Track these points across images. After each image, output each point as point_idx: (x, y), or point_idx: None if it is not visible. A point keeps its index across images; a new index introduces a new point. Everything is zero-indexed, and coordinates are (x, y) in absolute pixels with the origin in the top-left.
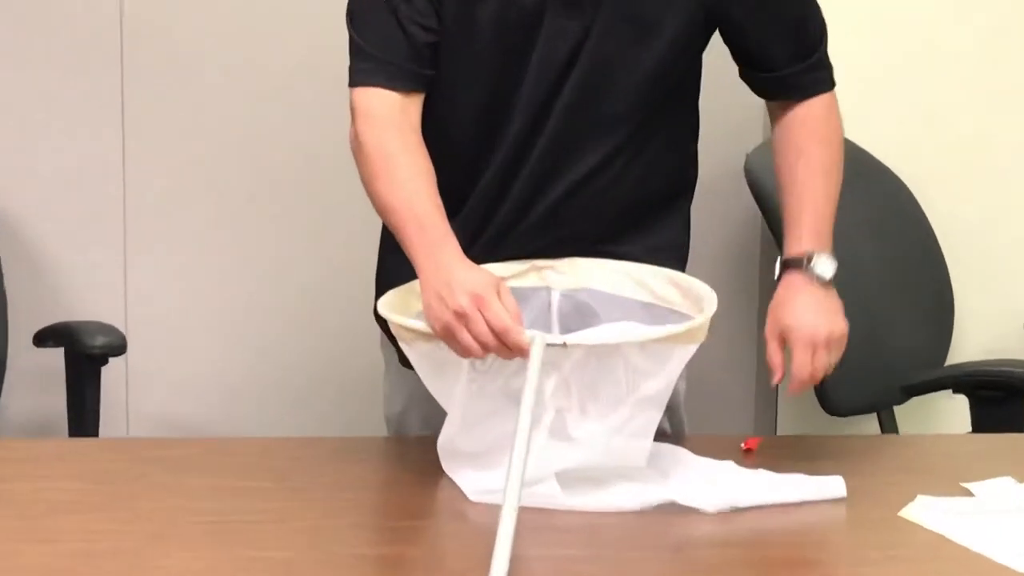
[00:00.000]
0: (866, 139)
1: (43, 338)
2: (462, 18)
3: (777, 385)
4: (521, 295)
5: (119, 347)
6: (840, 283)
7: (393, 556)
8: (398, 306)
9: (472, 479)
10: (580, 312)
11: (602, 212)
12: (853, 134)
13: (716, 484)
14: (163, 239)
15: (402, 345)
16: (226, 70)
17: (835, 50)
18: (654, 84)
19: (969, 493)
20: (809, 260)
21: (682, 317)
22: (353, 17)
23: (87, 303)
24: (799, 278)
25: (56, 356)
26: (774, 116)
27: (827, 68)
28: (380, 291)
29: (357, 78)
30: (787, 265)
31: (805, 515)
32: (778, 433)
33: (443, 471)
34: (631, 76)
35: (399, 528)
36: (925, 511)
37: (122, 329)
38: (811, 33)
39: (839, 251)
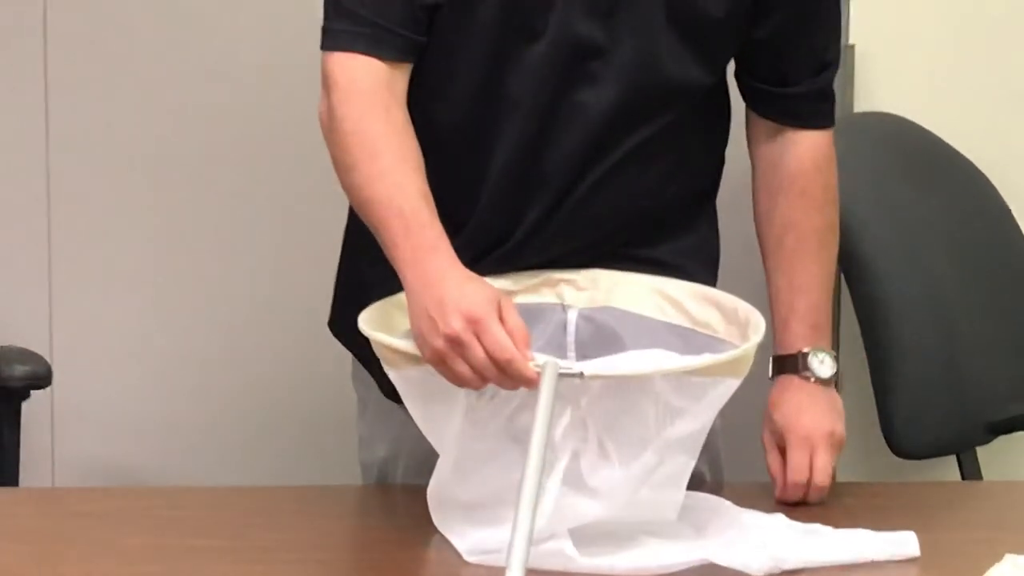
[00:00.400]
0: (941, 125)
1: None
2: None
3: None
4: (532, 313)
5: (43, 378)
6: (914, 300)
7: None
8: (380, 322)
9: (468, 536)
10: (601, 335)
11: (628, 212)
12: (924, 119)
13: (763, 541)
14: (94, 253)
15: (386, 369)
16: (162, 87)
17: (904, 25)
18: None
19: None
20: (805, 359)
21: (721, 344)
22: None
23: (5, 326)
24: (795, 379)
25: None
26: (757, 142)
27: (832, 101)
28: (340, 302)
29: (334, 41)
30: (781, 364)
31: None
32: (837, 479)
33: (435, 526)
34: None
35: None
36: (1015, 573)
37: (47, 357)
38: (831, 56)
39: (908, 260)
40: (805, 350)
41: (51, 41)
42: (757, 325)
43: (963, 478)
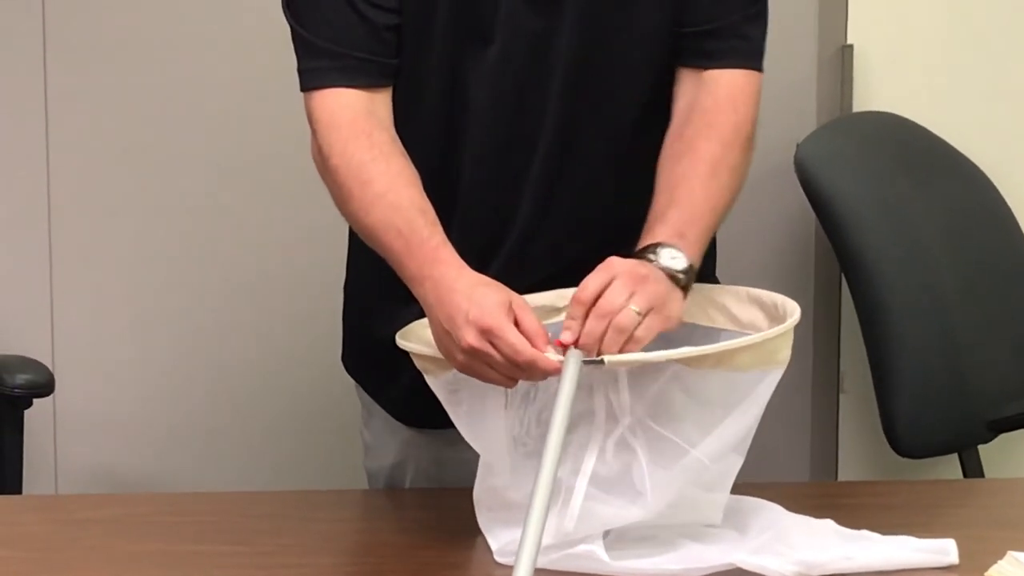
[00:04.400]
0: (940, 124)
1: None
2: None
3: (837, 424)
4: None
5: (45, 386)
6: (914, 300)
7: None
8: (416, 336)
9: (501, 537)
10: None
11: (624, 206)
12: (923, 118)
13: (798, 545)
14: (95, 262)
15: (427, 378)
16: (164, 96)
17: (902, 24)
18: (653, 43)
19: None
20: (656, 248)
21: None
22: (292, 4)
23: (7, 334)
24: (643, 264)
25: None
26: (677, 99)
27: (752, 42)
28: (352, 305)
29: (310, 80)
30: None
31: None
32: (839, 478)
33: (444, 530)
34: (626, 37)
35: None
36: (1017, 570)
37: (49, 365)
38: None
39: (909, 259)
40: (660, 241)
41: (50, 46)
42: (793, 311)
43: (965, 476)
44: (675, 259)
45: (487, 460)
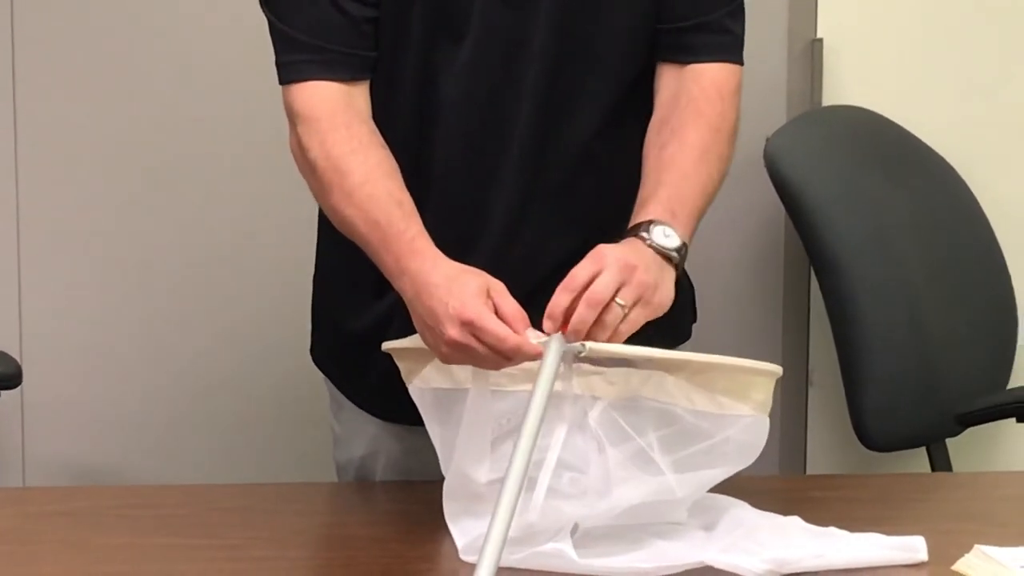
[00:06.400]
0: (909, 119)
1: None
2: None
3: (806, 417)
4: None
5: (13, 377)
6: (883, 294)
7: None
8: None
9: (469, 532)
10: (622, 426)
11: (596, 187)
12: (892, 112)
13: (766, 543)
14: (62, 250)
15: (410, 388)
16: (132, 88)
17: (871, 19)
18: (633, 37)
19: None
20: (649, 225)
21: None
22: None
23: None
24: (630, 238)
25: None
26: (660, 92)
27: (734, 37)
28: (321, 297)
29: (289, 73)
30: (624, 236)
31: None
32: (808, 472)
33: (415, 523)
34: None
35: None
36: (984, 564)
37: (16, 356)
38: None
39: (878, 254)
40: (652, 219)
41: (19, 45)
42: (775, 369)
43: (933, 470)
44: (668, 237)
45: (462, 442)
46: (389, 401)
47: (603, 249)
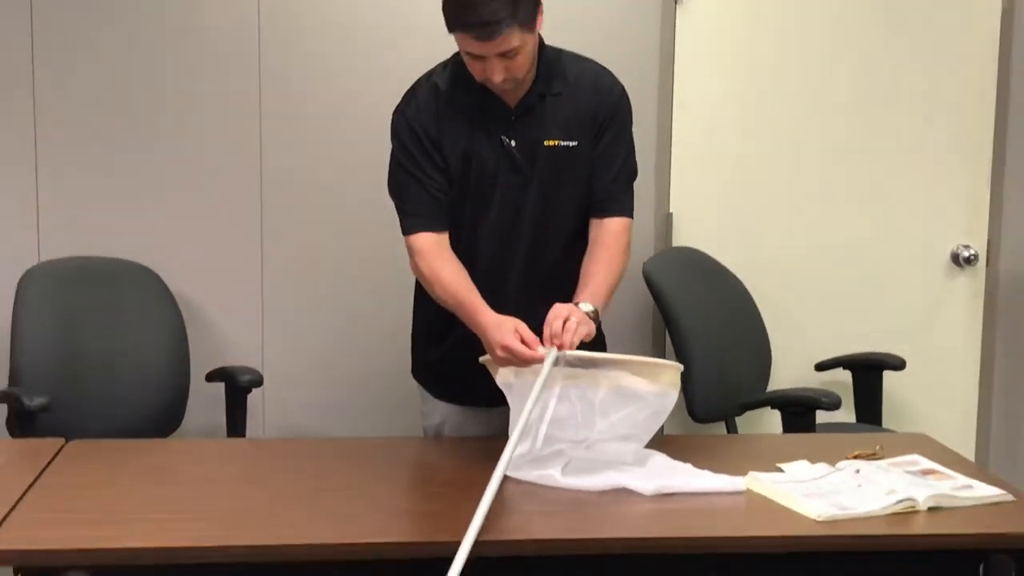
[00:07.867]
0: (718, 254)
1: (211, 377)
2: (459, 179)
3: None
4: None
5: (258, 381)
6: (700, 336)
7: (424, 512)
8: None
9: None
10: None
11: (560, 281)
12: (711, 251)
13: (658, 473)
14: (294, 307)
15: (495, 377)
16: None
17: (705, 201)
18: (581, 203)
19: (780, 470)
20: (581, 302)
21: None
22: (393, 189)
23: (237, 350)
24: (576, 307)
25: (219, 388)
26: (591, 232)
27: (628, 202)
28: (417, 340)
29: (408, 228)
30: None
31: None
32: (665, 433)
33: (468, 458)
34: (570, 196)
35: (435, 493)
36: (755, 481)
37: (259, 369)
38: (628, 168)
39: (700, 319)
40: (582, 300)
41: (38, 45)
42: (678, 365)
43: (728, 432)
44: (587, 308)
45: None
46: (451, 393)
47: (564, 305)
